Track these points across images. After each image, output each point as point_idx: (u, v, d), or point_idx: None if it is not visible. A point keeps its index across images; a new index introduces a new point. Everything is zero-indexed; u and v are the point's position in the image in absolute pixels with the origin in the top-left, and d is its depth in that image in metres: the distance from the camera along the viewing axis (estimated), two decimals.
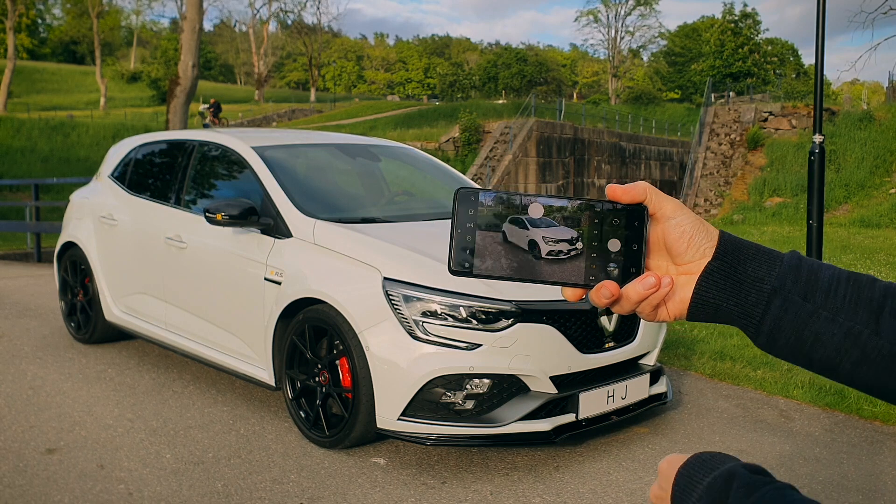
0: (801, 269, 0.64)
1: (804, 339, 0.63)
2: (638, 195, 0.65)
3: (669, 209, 0.66)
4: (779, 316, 0.63)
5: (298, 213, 3.71)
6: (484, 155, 22.52)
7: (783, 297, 0.63)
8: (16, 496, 2.92)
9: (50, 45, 69.52)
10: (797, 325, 0.63)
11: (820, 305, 0.62)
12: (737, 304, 0.64)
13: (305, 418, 3.46)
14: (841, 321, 0.62)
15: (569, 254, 0.65)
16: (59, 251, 5.31)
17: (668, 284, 0.65)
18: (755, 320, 0.64)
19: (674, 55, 61.01)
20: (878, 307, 0.62)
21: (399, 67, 78.98)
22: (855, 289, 0.63)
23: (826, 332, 0.62)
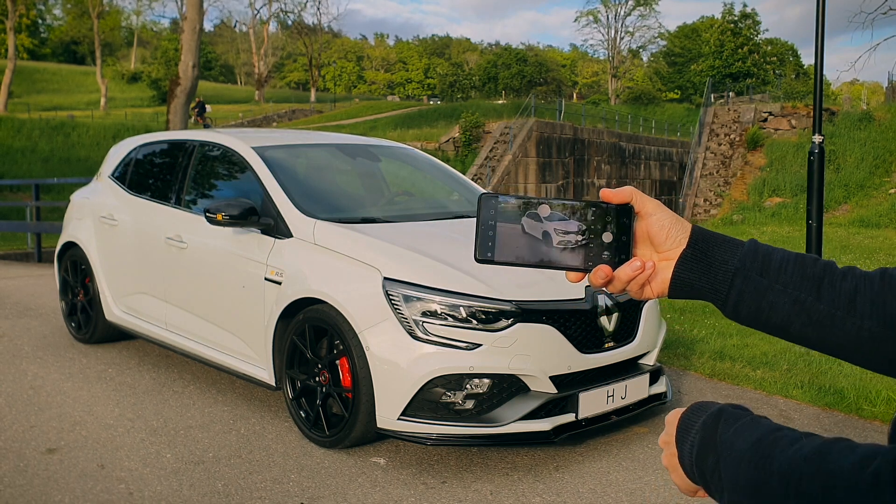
0: (758, 252, 0.80)
1: (762, 308, 0.79)
2: (625, 197, 0.81)
3: (651, 208, 0.82)
4: (741, 290, 0.79)
5: (298, 213, 3.72)
6: (484, 155, 22.52)
7: (744, 276, 0.79)
8: (16, 496, 2.92)
9: (50, 45, 69.53)
10: (756, 296, 0.79)
11: (773, 280, 0.78)
12: (707, 283, 0.80)
13: (306, 418, 3.46)
14: (790, 292, 0.78)
15: (576, 244, 0.80)
16: (60, 251, 5.32)
17: (650, 267, 0.81)
18: (722, 295, 0.80)
19: (673, 55, 61.02)
20: (819, 280, 0.78)
21: (399, 68, 78.99)
22: (801, 266, 0.79)
23: (779, 301, 0.78)
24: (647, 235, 0.82)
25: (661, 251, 0.82)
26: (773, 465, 0.62)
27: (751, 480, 0.63)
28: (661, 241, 0.81)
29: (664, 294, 0.82)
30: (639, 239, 0.82)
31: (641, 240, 0.82)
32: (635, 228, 0.81)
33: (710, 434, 0.69)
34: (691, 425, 0.73)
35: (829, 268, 0.79)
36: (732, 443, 0.67)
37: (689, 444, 0.72)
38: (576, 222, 0.80)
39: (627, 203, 0.81)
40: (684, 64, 59.25)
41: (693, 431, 0.72)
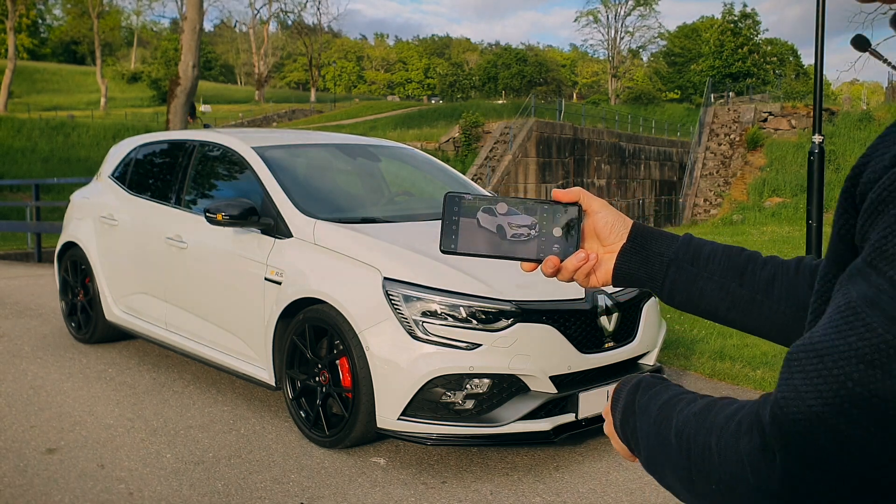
0: (690, 245, 0.90)
1: (692, 294, 0.89)
2: (574, 196, 0.91)
3: (597, 206, 0.91)
4: (674, 279, 0.89)
5: (298, 213, 3.72)
6: (484, 155, 22.52)
7: (676, 266, 0.89)
8: (16, 496, 2.92)
9: (50, 45, 69.53)
10: (687, 284, 0.89)
11: (702, 269, 0.88)
12: (645, 272, 0.90)
13: (306, 418, 3.46)
14: (716, 280, 0.88)
15: (527, 237, 0.89)
16: (60, 251, 5.32)
17: (594, 259, 0.91)
18: (658, 282, 0.90)
19: (673, 55, 61.03)
20: (742, 269, 0.88)
21: (399, 68, 78.99)
22: (727, 257, 0.89)
23: (707, 287, 0.88)
24: (594, 230, 0.91)
25: (605, 244, 0.92)
26: (671, 423, 0.69)
27: (657, 438, 0.71)
28: (606, 235, 0.91)
29: (608, 283, 0.92)
30: (586, 234, 0.92)
31: (588, 234, 0.92)
32: (582, 224, 0.91)
33: (630, 401, 0.77)
34: (619, 395, 0.80)
35: (752, 257, 0.89)
36: (646, 407, 0.74)
37: (618, 412, 0.79)
38: (528, 217, 0.90)
39: (576, 202, 0.90)
40: (684, 64, 59.26)
41: (621, 400, 0.79)
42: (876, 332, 0.53)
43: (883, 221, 0.55)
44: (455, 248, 0.90)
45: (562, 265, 0.90)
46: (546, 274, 0.90)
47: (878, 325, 0.53)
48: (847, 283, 0.57)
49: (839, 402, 0.54)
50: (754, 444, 0.59)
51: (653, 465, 0.72)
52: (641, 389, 0.77)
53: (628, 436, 0.77)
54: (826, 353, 0.55)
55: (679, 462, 0.67)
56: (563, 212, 0.90)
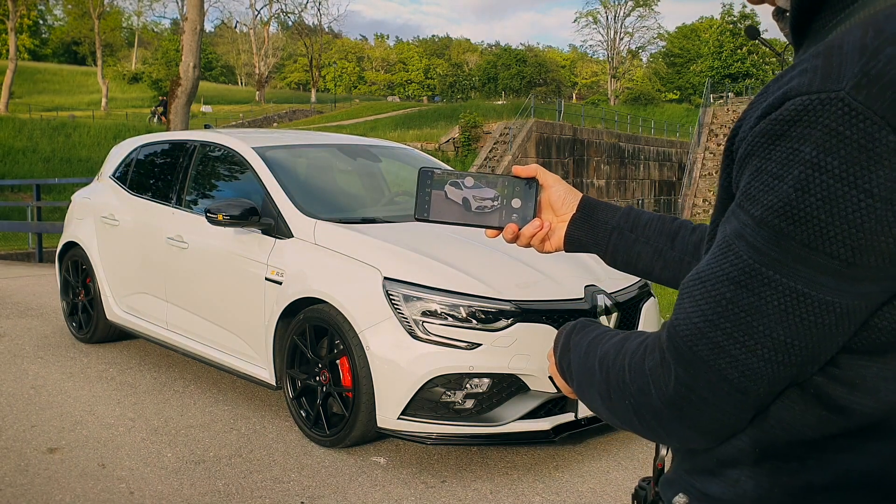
0: (630, 214, 1.04)
1: (631, 256, 1.03)
2: (532, 172, 1.03)
3: (551, 181, 1.04)
4: (616, 243, 1.03)
5: (299, 213, 3.73)
6: (483, 155, 22.53)
7: (619, 232, 1.03)
8: (17, 495, 2.93)
9: (51, 45, 69.55)
10: (627, 247, 1.03)
11: (640, 235, 1.02)
12: (591, 238, 1.04)
13: (306, 417, 3.47)
14: (652, 244, 1.02)
15: (491, 208, 1.01)
16: (61, 251, 5.33)
17: (547, 226, 1.04)
18: (603, 247, 1.04)
19: (673, 56, 61.03)
20: (674, 234, 1.02)
21: (399, 68, 78.99)
22: (661, 224, 1.03)
23: (644, 251, 1.03)
24: (549, 202, 1.04)
25: (558, 215, 1.05)
26: (596, 354, 0.80)
27: (584, 368, 0.82)
28: (559, 206, 1.04)
29: (560, 248, 1.05)
30: (542, 205, 1.04)
31: (544, 206, 1.04)
32: (539, 197, 1.03)
33: (567, 341, 0.89)
34: (559, 337, 0.92)
35: (683, 225, 1.03)
36: (577, 344, 0.86)
37: (558, 351, 0.90)
38: (491, 190, 1.01)
39: (533, 177, 1.02)
40: (683, 64, 59.26)
41: (560, 341, 0.91)
42: (741, 258, 0.64)
43: (748, 170, 0.65)
44: (427, 216, 1.01)
45: (520, 232, 1.02)
46: (506, 239, 1.02)
47: (743, 252, 0.64)
48: (724, 223, 0.68)
49: (715, 317, 0.65)
50: (655, 360, 0.70)
51: (582, 391, 0.83)
52: (576, 330, 0.89)
53: (565, 370, 0.88)
54: (707, 279, 0.67)
55: (601, 385, 0.78)
56: (522, 186, 1.02)
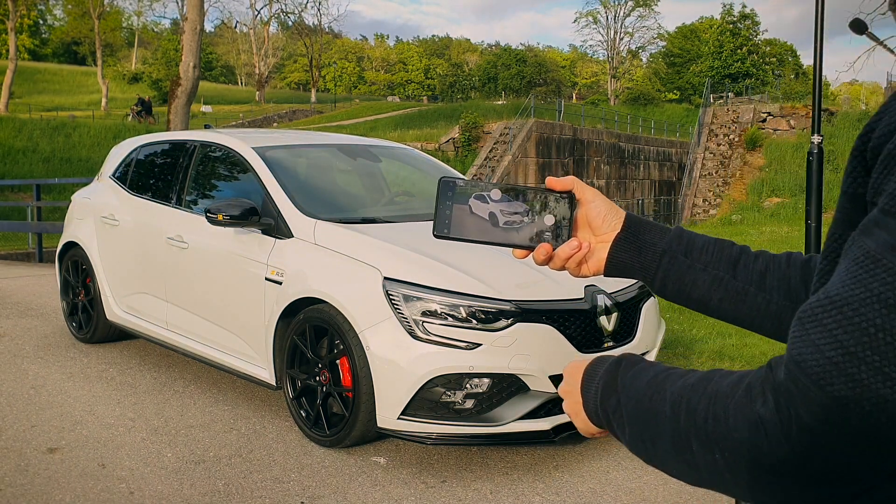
0: (683, 236, 0.91)
1: (685, 284, 0.90)
2: (567, 185, 0.90)
3: (590, 195, 0.91)
4: (667, 269, 0.90)
5: (299, 213, 3.73)
6: (484, 155, 22.53)
7: (670, 256, 0.90)
8: (17, 495, 2.93)
9: (51, 45, 69.54)
10: (680, 274, 0.90)
11: (696, 260, 0.89)
12: (638, 262, 0.91)
13: (306, 417, 3.47)
14: (710, 270, 0.89)
15: (520, 224, 0.90)
16: (61, 251, 5.33)
17: (586, 247, 0.91)
18: (651, 272, 0.91)
19: (673, 56, 61.03)
20: (735, 261, 0.89)
21: (399, 68, 78.99)
22: (719, 249, 0.90)
23: (700, 279, 0.89)
24: (586, 220, 0.92)
25: (597, 234, 0.92)
26: (664, 395, 0.68)
27: (647, 411, 0.70)
28: (598, 225, 0.91)
29: (599, 272, 0.93)
30: (578, 223, 0.92)
31: (581, 224, 0.92)
32: (575, 213, 0.91)
33: (612, 378, 0.76)
34: (595, 374, 0.79)
35: (744, 250, 0.90)
36: (631, 383, 0.74)
37: (594, 390, 0.78)
38: (521, 205, 0.90)
39: (569, 190, 0.90)
40: (683, 64, 59.26)
41: (597, 379, 0.78)
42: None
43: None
44: (448, 232, 0.90)
45: (554, 253, 0.90)
46: (537, 261, 0.91)
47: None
48: (861, 236, 0.57)
49: (860, 349, 0.53)
50: (768, 406, 0.57)
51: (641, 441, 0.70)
52: (623, 367, 0.76)
53: (609, 412, 0.75)
54: (845, 303, 0.55)
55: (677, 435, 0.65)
56: (556, 200, 0.90)
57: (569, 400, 0.83)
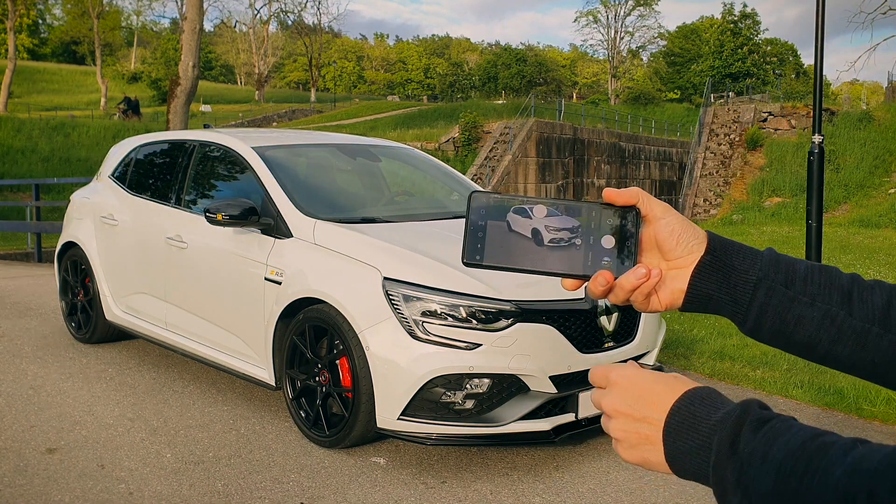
0: (780, 262, 0.73)
1: (787, 322, 0.71)
2: (631, 198, 0.73)
3: (660, 211, 0.74)
4: (764, 302, 0.72)
5: (299, 213, 3.72)
6: (484, 155, 22.52)
7: (767, 286, 0.72)
8: (16, 495, 2.92)
9: (50, 45, 69.51)
10: (781, 309, 0.71)
11: (799, 292, 0.71)
12: (727, 294, 0.73)
13: (305, 418, 3.46)
14: (819, 305, 0.71)
15: (569, 241, 0.72)
16: (60, 251, 5.32)
17: (657, 275, 0.73)
18: (743, 307, 0.73)
19: (673, 55, 61.03)
20: (848, 292, 0.72)
21: (399, 68, 78.98)
22: (827, 277, 0.72)
23: (807, 315, 0.71)
24: (655, 241, 0.74)
25: (669, 259, 0.74)
26: (827, 478, 0.53)
27: (795, 496, 0.54)
28: (671, 247, 0.73)
29: (674, 306, 0.75)
30: (645, 245, 0.74)
31: (648, 246, 0.74)
32: (641, 233, 0.74)
33: (733, 439, 0.58)
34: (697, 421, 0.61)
35: (856, 280, 0.73)
36: (764, 453, 0.56)
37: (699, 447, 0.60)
38: (571, 219, 0.73)
39: (633, 205, 0.73)
40: (684, 64, 59.26)
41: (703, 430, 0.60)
42: None
43: None
44: (481, 259, 0.72)
45: (616, 283, 0.73)
46: (595, 294, 0.73)
47: None
48: None
49: None
50: None
51: None
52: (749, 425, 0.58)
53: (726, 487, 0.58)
54: None
55: None
56: (616, 217, 0.73)
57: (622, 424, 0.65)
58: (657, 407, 0.63)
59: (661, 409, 0.63)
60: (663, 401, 0.63)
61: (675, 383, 0.65)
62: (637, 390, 0.65)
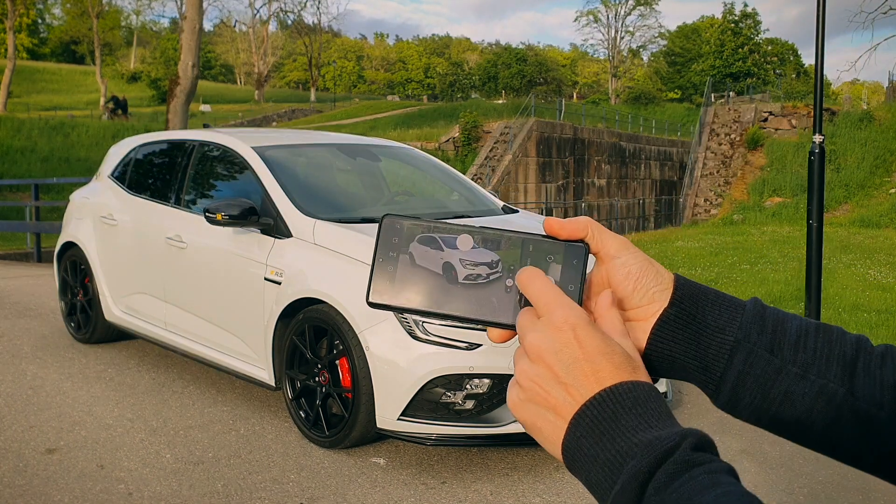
0: (766, 318, 0.57)
1: (771, 399, 0.56)
2: (577, 231, 0.57)
3: (614, 247, 0.58)
4: (743, 371, 0.56)
5: (298, 212, 3.71)
6: (484, 155, 22.52)
7: (747, 351, 0.56)
8: (16, 496, 2.92)
9: (50, 44, 69.54)
10: (764, 382, 0.56)
11: (788, 360, 0.56)
12: (695, 358, 0.57)
13: (305, 418, 3.46)
14: (812, 378, 0.56)
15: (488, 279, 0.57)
16: (59, 251, 5.31)
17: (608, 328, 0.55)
18: (716, 376, 0.57)
19: (674, 55, 61.05)
20: (851, 362, 0.56)
21: (399, 67, 78.99)
22: (826, 341, 0.57)
23: (797, 390, 0.56)
24: (608, 285, 0.58)
25: (625, 308, 0.58)
26: None
27: None
28: (627, 293, 0.58)
29: None
30: (595, 289, 0.59)
31: (598, 290, 0.58)
32: (589, 274, 0.59)
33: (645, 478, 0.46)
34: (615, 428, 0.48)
35: (862, 345, 0.57)
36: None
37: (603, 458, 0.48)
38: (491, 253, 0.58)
39: (580, 239, 0.57)
40: (685, 64, 59.27)
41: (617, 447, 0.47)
42: None
43: None
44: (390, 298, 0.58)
45: None
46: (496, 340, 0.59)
47: None
48: None
49: None
50: None
51: None
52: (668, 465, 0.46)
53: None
54: None
55: None
56: (558, 253, 0.57)
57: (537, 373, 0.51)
58: (588, 382, 0.50)
59: (589, 387, 0.49)
60: (600, 379, 0.49)
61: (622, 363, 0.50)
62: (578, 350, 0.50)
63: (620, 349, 0.51)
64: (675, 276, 0.59)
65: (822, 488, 3.11)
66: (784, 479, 3.16)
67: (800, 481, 3.16)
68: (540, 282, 0.54)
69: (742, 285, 7.55)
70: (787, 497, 3.02)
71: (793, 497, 3.02)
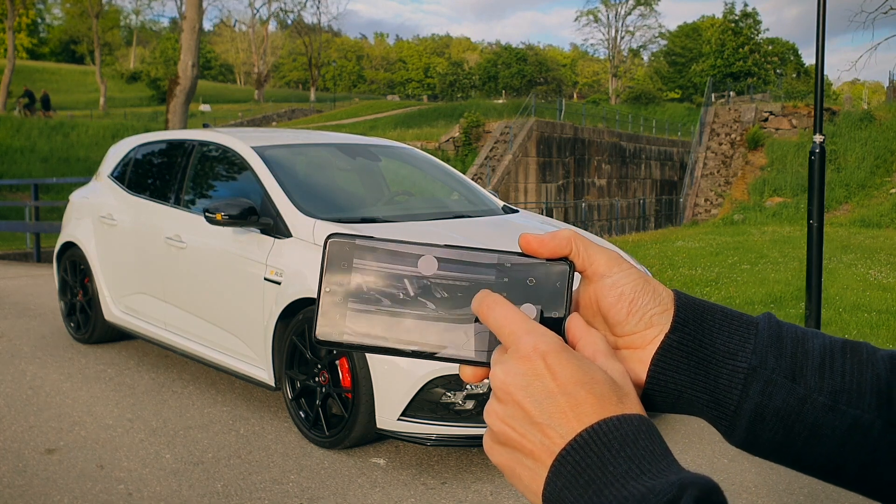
0: (784, 338, 0.49)
1: (795, 434, 0.48)
2: (560, 248, 0.49)
3: (603, 265, 0.50)
4: (761, 403, 0.48)
5: (298, 212, 3.71)
6: (484, 155, 22.51)
7: (765, 378, 0.48)
8: (15, 496, 2.91)
9: (49, 44, 69.55)
10: (786, 415, 0.48)
11: (814, 388, 0.48)
12: (704, 390, 0.49)
13: (305, 418, 3.45)
14: (843, 409, 0.47)
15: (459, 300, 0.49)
16: (59, 251, 5.31)
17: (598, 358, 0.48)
18: (729, 410, 0.48)
19: (674, 55, 61.04)
20: (887, 386, 0.47)
21: (399, 67, 78.99)
22: (856, 362, 0.48)
23: (825, 422, 0.47)
24: (598, 308, 0.50)
25: (619, 334, 0.50)
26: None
27: None
28: (620, 318, 0.49)
29: None
30: (583, 313, 0.51)
31: (588, 314, 0.51)
32: (577, 297, 0.51)
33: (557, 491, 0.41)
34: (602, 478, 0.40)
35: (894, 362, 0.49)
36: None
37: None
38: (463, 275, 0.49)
39: (565, 257, 0.49)
40: (685, 63, 59.27)
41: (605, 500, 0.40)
42: None
43: None
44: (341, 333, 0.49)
45: None
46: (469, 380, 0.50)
47: None
48: None
49: None
50: None
51: None
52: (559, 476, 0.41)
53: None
54: None
55: None
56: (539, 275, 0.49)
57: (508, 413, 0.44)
58: (566, 420, 0.42)
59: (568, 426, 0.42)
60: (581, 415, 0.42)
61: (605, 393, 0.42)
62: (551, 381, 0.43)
63: (602, 376, 0.43)
64: (675, 293, 0.50)
65: (823, 488, 3.10)
66: (784, 479, 3.15)
67: (800, 481, 3.15)
68: (500, 309, 0.46)
69: (742, 285, 7.55)
70: (787, 497, 3.02)
71: (793, 497, 3.02)
